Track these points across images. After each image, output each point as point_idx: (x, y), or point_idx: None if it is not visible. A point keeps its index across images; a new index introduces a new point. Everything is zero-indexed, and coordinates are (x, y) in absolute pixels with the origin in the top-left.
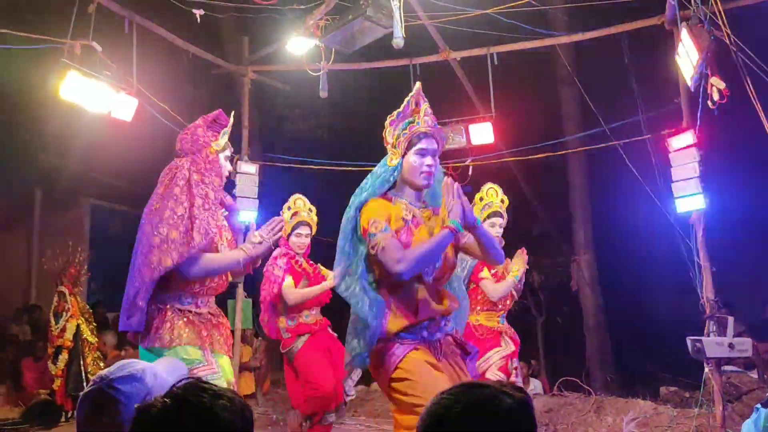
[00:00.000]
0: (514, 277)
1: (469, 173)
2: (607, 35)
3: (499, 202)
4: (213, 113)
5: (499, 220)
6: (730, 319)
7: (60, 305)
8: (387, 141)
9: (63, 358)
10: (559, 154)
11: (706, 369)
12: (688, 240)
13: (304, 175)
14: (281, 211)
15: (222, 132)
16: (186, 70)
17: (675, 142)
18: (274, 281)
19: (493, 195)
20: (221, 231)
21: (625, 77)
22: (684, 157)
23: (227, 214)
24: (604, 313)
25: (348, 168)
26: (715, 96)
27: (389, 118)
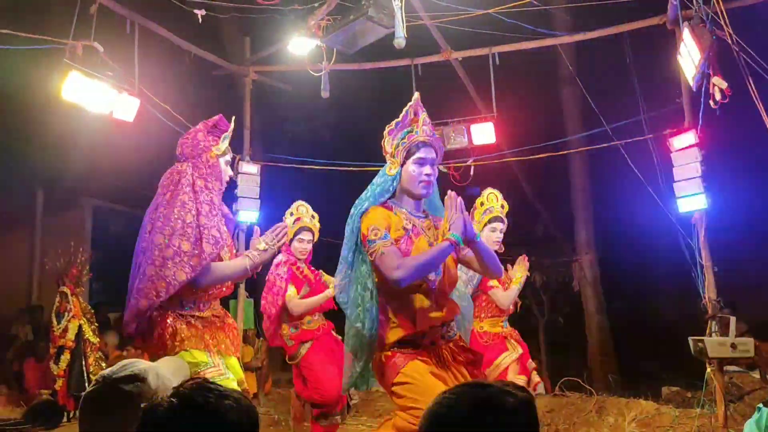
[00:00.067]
0: (518, 284)
1: (471, 173)
2: (609, 35)
3: (500, 207)
4: (213, 118)
5: (500, 225)
6: (732, 319)
7: (62, 306)
8: (386, 150)
9: (65, 358)
10: (561, 154)
11: (708, 369)
12: (689, 240)
13: (305, 176)
14: (284, 217)
15: (222, 136)
16: (187, 70)
17: (677, 141)
18: (277, 293)
19: (494, 200)
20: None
21: (627, 77)
22: (686, 157)
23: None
24: (605, 314)
25: (349, 168)
26: (717, 96)
27: (388, 127)
